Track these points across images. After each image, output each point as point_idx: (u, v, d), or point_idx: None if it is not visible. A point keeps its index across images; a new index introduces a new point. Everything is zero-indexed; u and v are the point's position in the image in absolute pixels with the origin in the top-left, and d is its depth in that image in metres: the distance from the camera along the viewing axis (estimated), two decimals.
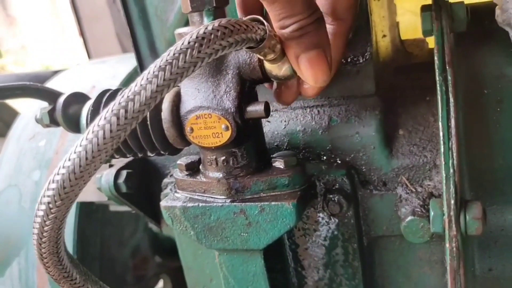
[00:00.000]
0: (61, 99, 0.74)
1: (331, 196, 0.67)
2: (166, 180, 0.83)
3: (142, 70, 0.86)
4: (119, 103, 0.44)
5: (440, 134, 0.59)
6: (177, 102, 0.61)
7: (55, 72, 1.50)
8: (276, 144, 0.74)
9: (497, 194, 0.68)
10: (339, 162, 0.70)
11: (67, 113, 0.73)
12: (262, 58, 0.55)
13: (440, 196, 0.64)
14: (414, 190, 0.66)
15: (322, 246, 0.71)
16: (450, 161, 0.58)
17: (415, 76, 0.77)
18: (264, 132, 0.68)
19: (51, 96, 0.75)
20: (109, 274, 1.19)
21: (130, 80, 1.15)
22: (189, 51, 0.44)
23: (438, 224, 0.59)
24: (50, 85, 1.24)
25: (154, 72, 0.44)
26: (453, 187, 0.57)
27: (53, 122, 0.75)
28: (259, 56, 0.55)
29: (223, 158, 0.62)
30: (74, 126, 0.74)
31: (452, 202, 0.57)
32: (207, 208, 0.63)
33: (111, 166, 0.86)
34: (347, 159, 0.70)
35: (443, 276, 0.70)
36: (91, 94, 0.76)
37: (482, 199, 0.62)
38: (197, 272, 0.85)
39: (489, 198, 0.68)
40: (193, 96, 0.60)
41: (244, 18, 0.49)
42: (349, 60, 0.69)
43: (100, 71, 1.32)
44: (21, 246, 1.04)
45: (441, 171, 0.60)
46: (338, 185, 0.68)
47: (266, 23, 0.50)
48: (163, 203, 0.66)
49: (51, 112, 0.74)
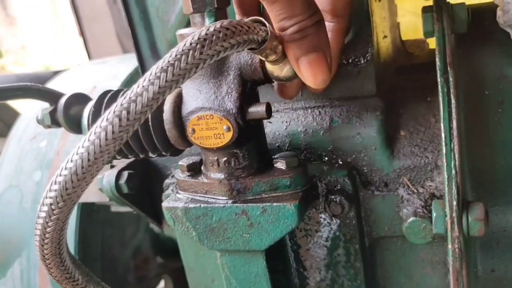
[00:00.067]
0: (62, 100, 0.74)
1: (333, 197, 0.67)
2: (167, 181, 0.83)
3: (144, 72, 0.86)
4: (121, 105, 0.43)
5: (442, 135, 0.59)
6: (178, 103, 0.61)
7: (55, 73, 1.49)
8: (277, 145, 0.74)
9: (499, 195, 0.68)
10: (341, 163, 0.70)
11: (68, 114, 0.73)
12: (263, 59, 0.55)
13: (441, 197, 0.64)
14: (415, 191, 0.66)
15: (324, 247, 0.71)
16: (452, 162, 0.58)
17: (416, 77, 0.77)
18: (266, 133, 0.68)
19: (52, 97, 0.75)
20: (110, 275, 1.19)
21: (131, 81, 1.15)
22: (191, 52, 0.44)
23: (441, 225, 0.59)
24: (51, 85, 1.23)
25: (156, 73, 0.44)
26: (455, 188, 0.57)
27: (54, 123, 0.75)
28: (260, 57, 0.55)
29: (225, 159, 0.62)
30: (76, 126, 0.74)
31: (454, 203, 0.57)
32: (208, 209, 0.63)
33: (112, 167, 0.86)
34: (349, 160, 0.70)
35: (445, 277, 0.70)
36: (92, 95, 0.76)
37: (484, 200, 0.62)
38: (199, 272, 0.85)
39: (491, 199, 0.68)
40: (194, 97, 0.60)
41: (246, 19, 0.49)
42: (350, 61, 0.69)
43: (101, 71, 1.32)
44: (22, 247, 1.04)
45: (443, 173, 0.60)
46: (339, 186, 0.67)
47: (267, 24, 0.50)
48: (165, 204, 0.66)
49: (53, 113, 0.75)
